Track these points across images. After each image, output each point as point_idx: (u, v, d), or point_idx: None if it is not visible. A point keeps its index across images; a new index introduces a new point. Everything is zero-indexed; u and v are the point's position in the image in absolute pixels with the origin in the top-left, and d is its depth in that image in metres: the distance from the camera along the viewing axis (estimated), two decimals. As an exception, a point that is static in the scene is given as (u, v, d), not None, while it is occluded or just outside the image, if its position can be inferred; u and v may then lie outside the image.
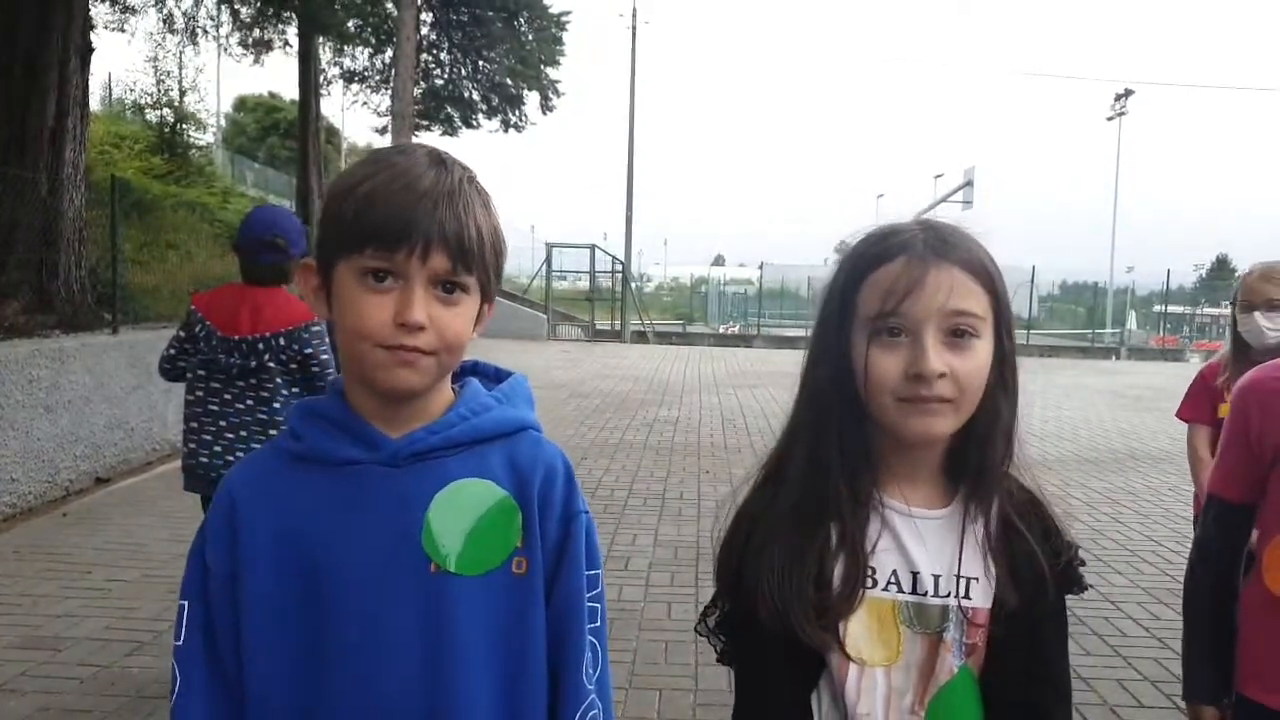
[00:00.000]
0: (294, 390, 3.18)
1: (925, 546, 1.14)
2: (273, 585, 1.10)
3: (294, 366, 3.17)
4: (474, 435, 1.14)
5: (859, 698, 1.11)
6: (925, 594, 1.13)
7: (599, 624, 1.19)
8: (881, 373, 1.07)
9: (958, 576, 1.13)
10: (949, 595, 1.13)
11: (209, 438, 3.20)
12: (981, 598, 1.13)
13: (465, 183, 1.09)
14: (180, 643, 1.13)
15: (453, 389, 1.18)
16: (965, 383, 1.07)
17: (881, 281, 1.09)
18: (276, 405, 3.16)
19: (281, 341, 3.14)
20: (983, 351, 1.09)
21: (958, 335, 1.07)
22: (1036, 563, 1.14)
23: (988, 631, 1.13)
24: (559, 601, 1.15)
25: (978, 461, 1.14)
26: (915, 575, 1.13)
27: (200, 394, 3.22)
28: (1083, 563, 1.22)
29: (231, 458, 3.14)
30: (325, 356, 3.16)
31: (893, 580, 1.13)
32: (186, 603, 1.14)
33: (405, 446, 1.11)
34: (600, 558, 1.22)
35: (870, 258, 1.11)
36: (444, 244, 1.04)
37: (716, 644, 1.21)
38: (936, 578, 1.13)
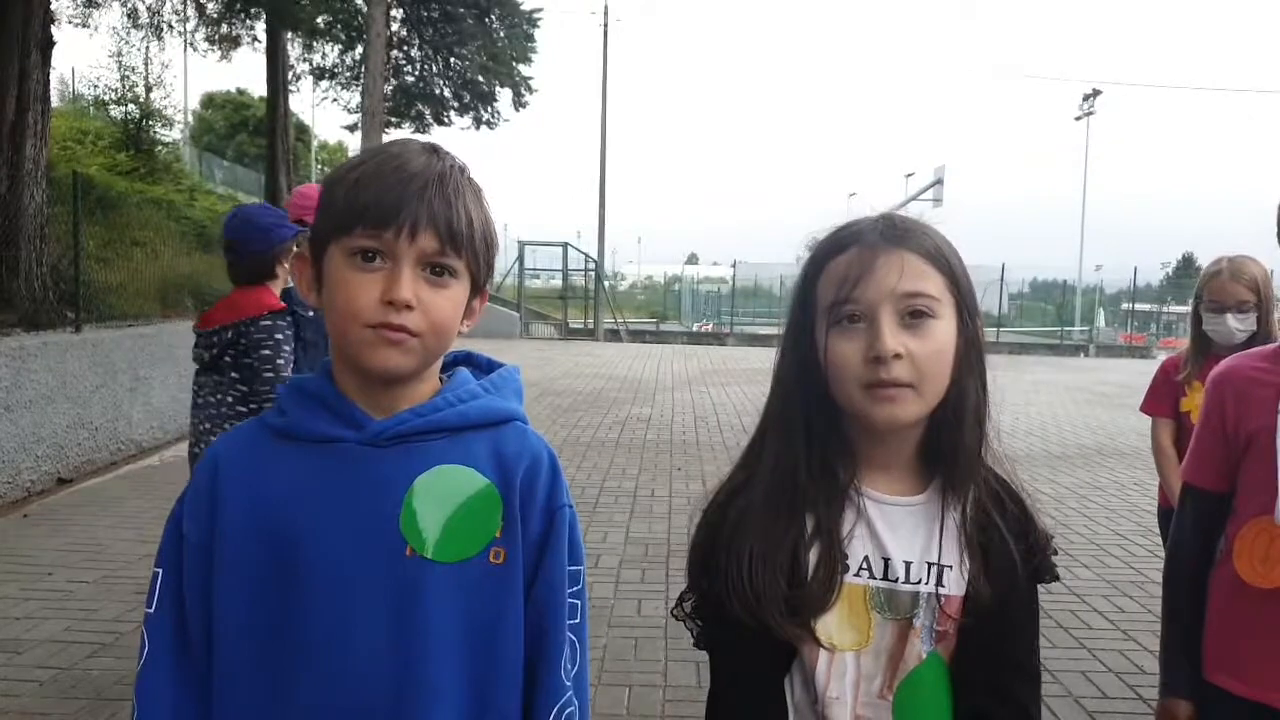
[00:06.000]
0: (242, 387, 3.20)
1: (897, 533, 1.15)
2: (246, 559, 1.09)
3: (246, 361, 3.17)
4: (459, 421, 1.13)
5: (829, 682, 1.12)
6: (896, 580, 1.14)
7: (579, 620, 1.18)
8: (841, 359, 1.09)
9: (929, 564, 1.14)
10: (920, 582, 1.14)
11: (190, 428, 3.34)
12: (955, 586, 1.14)
13: (456, 171, 1.11)
14: (151, 610, 1.13)
15: (441, 378, 1.19)
16: (924, 365, 1.07)
17: (836, 270, 1.11)
18: (230, 399, 3.19)
19: (228, 335, 3.15)
20: (941, 333, 1.09)
21: (914, 316, 1.08)
22: (1009, 553, 1.15)
23: (959, 619, 1.14)
24: (539, 595, 1.14)
25: (951, 447, 1.14)
26: (887, 562, 1.14)
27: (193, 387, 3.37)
28: (1055, 553, 1.23)
29: (198, 449, 3.21)
30: (266, 352, 3.15)
31: (864, 566, 1.14)
32: (161, 570, 1.14)
33: (390, 427, 1.11)
34: (583, 553, 1.21)
35: (826, 250, 1.14)
36: (433, 225, 1.06)
37: (693, 628, 1.21)
38: (908, 564, 1.14)
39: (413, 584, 1.08)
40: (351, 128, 24.57)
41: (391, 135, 19.25)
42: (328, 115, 58.19)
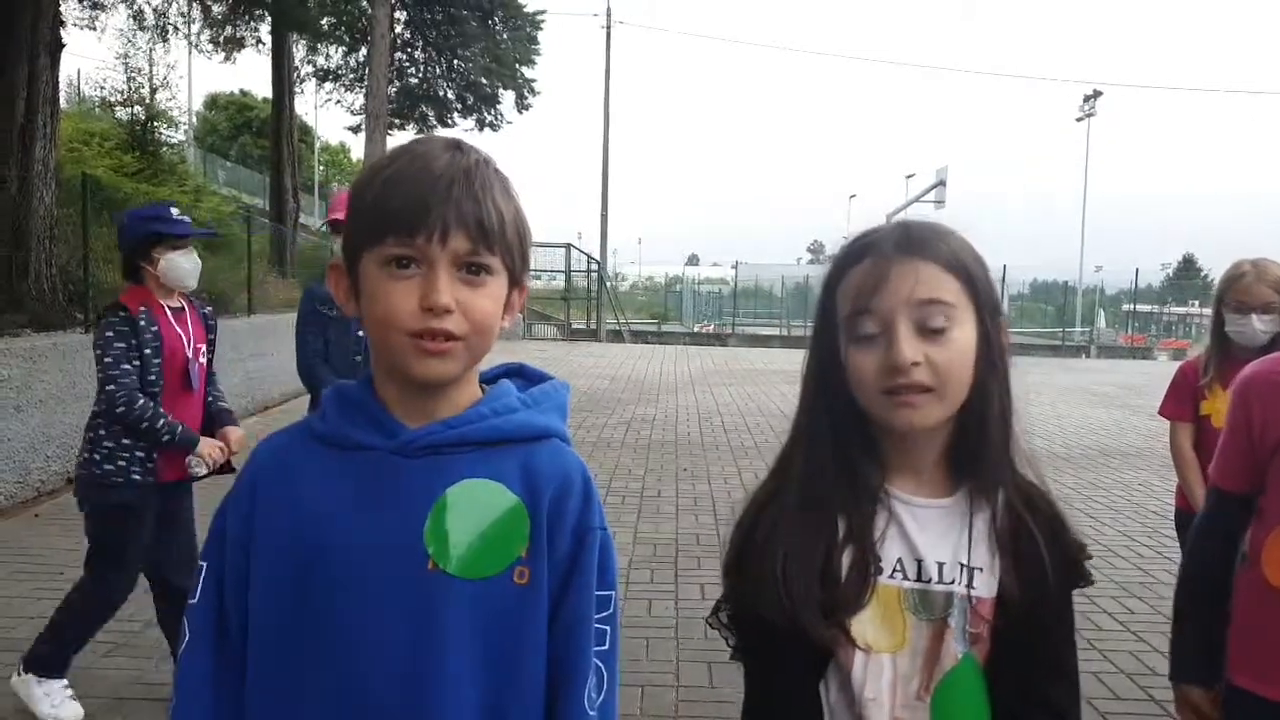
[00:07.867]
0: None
1: (928, 534, 1.16)
2: (276, 560, 1.10)
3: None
4: (493, 435, 1.11)
5: (866, 683, 1.13)
6: (929, 581, 1.15)
7: (607, 647, 1.13)
8: (861, 369, 1.10)
9: (961, 564, 1.15)
10: (953, 582, 1.15)
11: None
12: (986, 588, 1.15)
13: (482, 165, 1.08)
14: (194, 600, 1.15)
15: (482, 387, 1.16)
16: (944, 370, 1.09)
17: (852, 282, 1.13)
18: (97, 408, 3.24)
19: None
20: (960, 338, 1.10)
21: (931, 323, 1.09)
22: (1040, 556, 1.16)
23: (992, 622, 1.15)
24: (564, 619, 1.11)
25: (977, 449, 1.16)
26: (920, 563, 1.15)
27: None
28: (1089, 557, 1.25)
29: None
30: (99, 352, 3.13)
31: (898, 569, 1.15)
32: (205, 564, 1.16)
33: (420, 437, 1.09)
34: (615, 578, 1.16)
35: (844, 261, 1.15)
36: (463, 225, 1.03)
37: (729, 638, 1.21)
38: (940, 565, 1.15)
39: (431, 598, 1.06)
40: (355, 129, 24.67)
41: (395, 137, 19.28)
42: (331, 117, 58.40)
